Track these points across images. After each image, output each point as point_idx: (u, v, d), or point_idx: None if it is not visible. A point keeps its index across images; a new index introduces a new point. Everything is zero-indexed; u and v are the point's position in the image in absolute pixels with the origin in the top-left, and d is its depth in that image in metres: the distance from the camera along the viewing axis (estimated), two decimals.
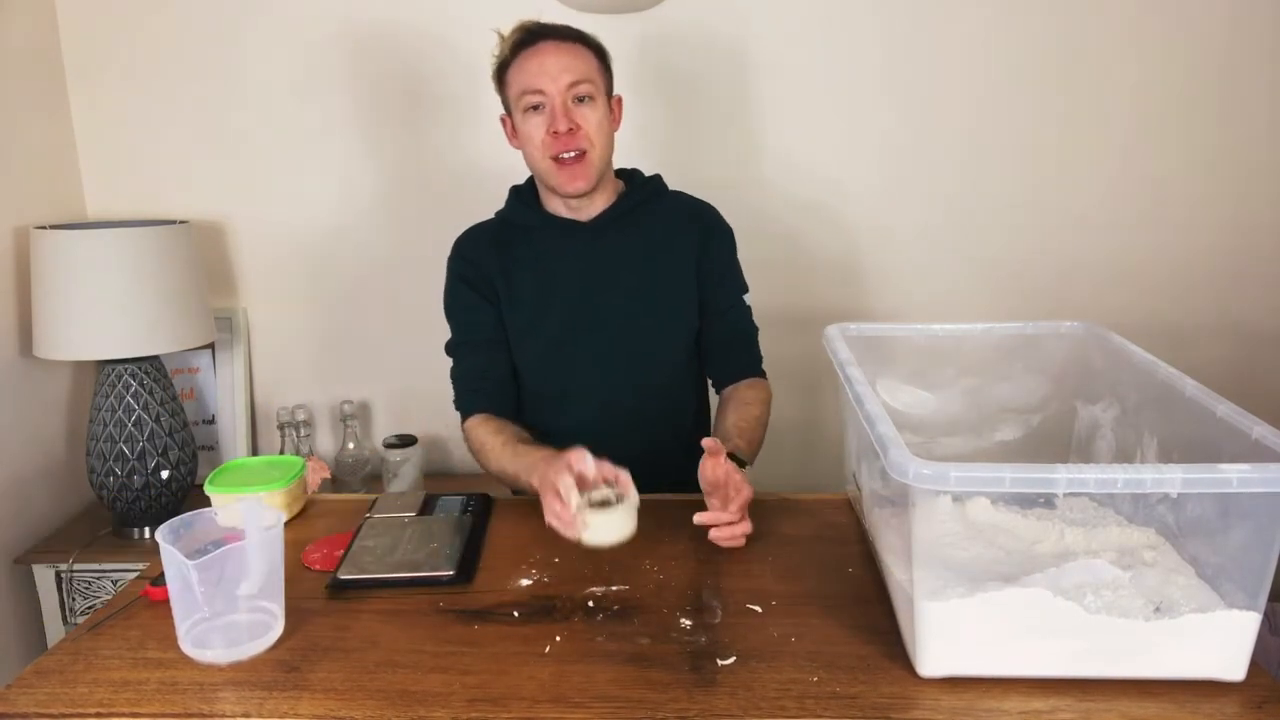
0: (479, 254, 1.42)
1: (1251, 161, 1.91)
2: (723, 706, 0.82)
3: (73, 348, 1.70)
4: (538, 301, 1.38)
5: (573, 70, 1.28)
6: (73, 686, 0.87)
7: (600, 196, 1.39)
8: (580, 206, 1.38)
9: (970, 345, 1.25)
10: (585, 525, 1.02)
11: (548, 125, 1.29)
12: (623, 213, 1.40)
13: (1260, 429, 0.84)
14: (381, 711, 0.82)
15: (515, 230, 1.42)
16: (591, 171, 1.32)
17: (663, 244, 1.40)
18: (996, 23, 1.86)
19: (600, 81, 1.33)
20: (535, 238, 1.40)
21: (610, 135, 1.35)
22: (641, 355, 1.39)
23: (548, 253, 1.39)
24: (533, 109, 1.30)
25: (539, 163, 1.33)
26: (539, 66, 1.28)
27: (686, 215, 1.44)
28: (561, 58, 1.29)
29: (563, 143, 1.29)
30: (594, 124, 1.30)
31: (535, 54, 1.29)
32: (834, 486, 1.32)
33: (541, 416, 1.42)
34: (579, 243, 1.38)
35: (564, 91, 1.28)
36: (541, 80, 1.28)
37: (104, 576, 1.78)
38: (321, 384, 2.09)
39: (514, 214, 1.44)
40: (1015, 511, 1.04)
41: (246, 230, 2.02)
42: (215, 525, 0.95)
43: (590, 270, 1.38)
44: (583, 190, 1.33)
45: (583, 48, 1.32)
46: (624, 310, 1.38)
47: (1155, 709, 0.81)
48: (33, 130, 1.86)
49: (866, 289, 2.00)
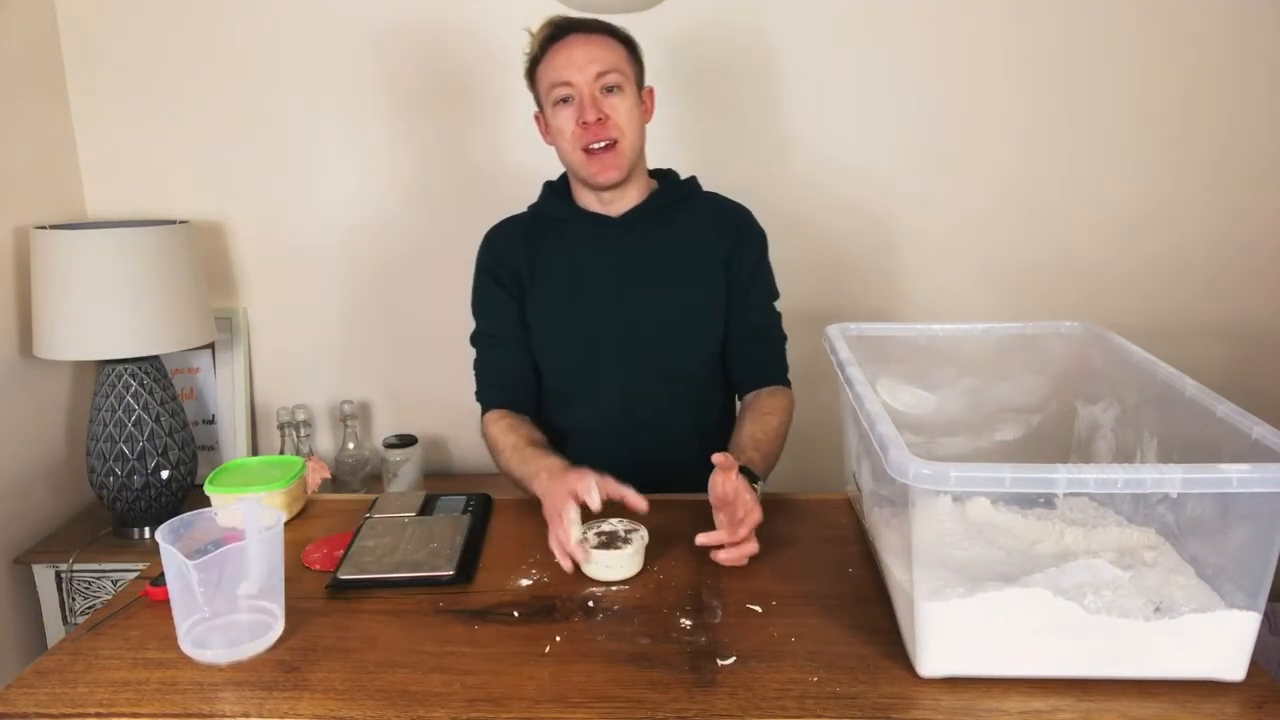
0: (508, 246, 1.41)
1: (1252, 161, 1.91)
2: (723, 706, 0.82)
3: (73, 348, 1.70)
4: (564, 296, 1.37)
5: (600, 60, 1.28)
6: (73, 686, 0.87)
7: (632, 191, 1.38)
8: (612, 200, 1.37)
9: (970, 345, 1.25)
10: (589, 560, 1.04)
11: (577, 116, 1.29)
12: (653, 209, 1.39)
13: (1260, 429, 0.84)
14: (381, 711, 0.82)
15: (547, 223, 1.42)
16: (623, 161, 1.31)
17: (693, 243, 1.39)
18: (995, 25, 1.86)
19: (629, 72, 1.33)
20: (566, 232, 1.39)
21: (641, 126, 1.34)
22: (666, 355, 1.38)
23: (577, 247, 1.38)
24: (562, 101, 1.30)
25: (570, 155, 1.33)
26: (566, 59, 1.29)
27: (718, 215, 1.43)
28: (589, 49, 1.29)
29: (592, 133, 1.28)
30: (623, 113, 1.30)
31: (563, 47, 1.30)
32: (834, 486, 1.32)
33: (562, 413, 1.42)
34: (608, 238, 1.38)
35: (591, 82, 1.28)
36: (569, 72, 1.28)
37: (104, 576, 1.78)
38: (321, 384, 2.09)
39: (546, 207, 1.44)
40: (1015, 511, 1.04)
41: (246, 230, 2.02)
42: (215, 525, 0.95)
43: (618, 266, 1.37)
44: (615, 180, 1.32)
45: (611, 39, 1.32)
46: (650, 308, 1.36)
47: (1155, 709, 0.81)
48: (33, 130, 1.86)
49: (866, 289, 2.00)
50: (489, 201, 1.97)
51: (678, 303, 1.37)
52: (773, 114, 1.93)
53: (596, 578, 1.04)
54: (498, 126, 1.95)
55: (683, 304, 1.37)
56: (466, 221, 1.99)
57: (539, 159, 1.98)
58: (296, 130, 1.96)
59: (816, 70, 1.90)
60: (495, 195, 1.96)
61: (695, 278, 1.38)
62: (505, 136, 1.95)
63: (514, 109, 1.95)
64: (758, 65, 1.91)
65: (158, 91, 1.95)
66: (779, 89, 1.92)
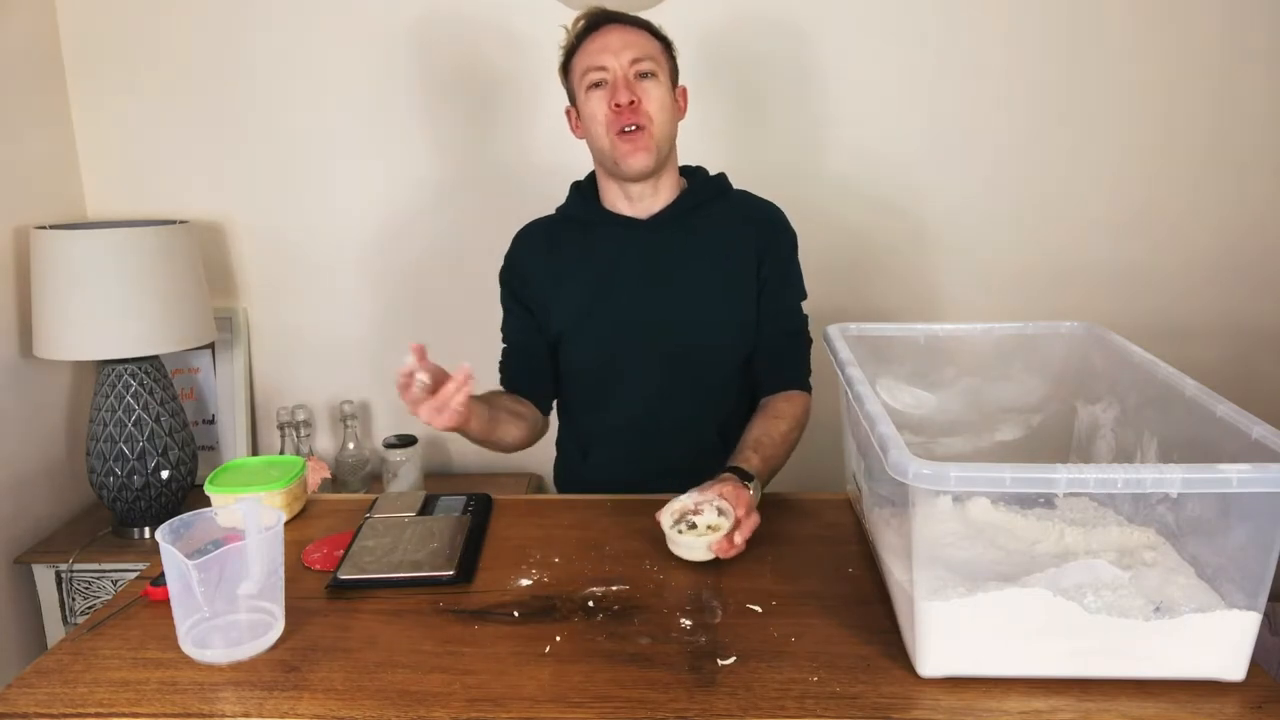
0: (529, 256, 1.41)
1: (1251, 161, 1.91)
2: (723, 706, 0.82)
3: (73, 348, 1.70)
4: (591, 299, 1.37)
5: (635, 47, 1.29)
6: (73, 686, 0.87)
7: (662, 192, 1.37)
8: (641, 198, 1.36)
9: (970, 345, 1.25)
10: (675, 544, 1.07)
11: (609, 99, 1.28)
12: (683, 212, 1.38)
13: (1260, 429, 0.84)
14: (381, 711, 0.82)
15: (573, 225, 1.41)
16: (653, 145, 1.30)
17: (723, 245, 1.37)
18: (994, 25, 1.87)
19: (664, 64, 1.33)
20: (592, 234, 1.39)
21: (673, 119, 1.34)
22: (694, 359, 1.37)
23: (604, 250, 1.37)
24: (595, 86, 1.30)
25: (601, 140, 1.31)
26: (602, 45, 1.30)
27: (749, 215, 1.41)
28: (625, 36, 1.30)
29: (625, 116, 1.28)
30: (656, 101, 1.30)
31: (599, 35, 1.31)
32: (834, 486, 1.32)
33: (587, 415, 1.43)
34: (636, 241, 1.37)
35: (626, 67, 1.29)
36: (604, 57, 1.29)
37: (104, 576, 1.78)
38: (321, 384, 2.09)
39: (573, 208, 1.43)
40: (1015, 511, 1.04)
41: (246, 230, 2.02)
42: (215, 525, 0.95)
43: (646, 270, 1.36)
44: (645, 165, 1.30)
45: (646, 32, 1.33)
46: (678, 312, 1.35)
47: (1155, 709, 0.81)
48: (33, 130, 1.87)
49: (866, 289, 2.00)
50: (490, 202, 1.98)
51: (707, 306, 1.36)
52: (782, 111, 1.93)
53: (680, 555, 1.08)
54: (498, 126, 1.95)
55: (712, 308, 1.36)
56: (467, 222, 2.00)
57: (541, 160, 2.00)
58: (296, 130, 1.96)
59: (829, 65, 1.90)
60: (497, 196, 1.97)
61: (725, 280, 1.37)
62: (506, 137, 1.95)
63: (515, 109, 1.96)
64: (757, 64, 1.91)
65: (158, 91, 1.95)
66: (781, 88, 1.92)
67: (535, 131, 1.94)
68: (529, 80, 1.91)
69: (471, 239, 1.99)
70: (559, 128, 1.42)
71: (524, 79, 1.91)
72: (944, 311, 2.00)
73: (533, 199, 1.49)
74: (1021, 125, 1.91)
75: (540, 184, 1.51)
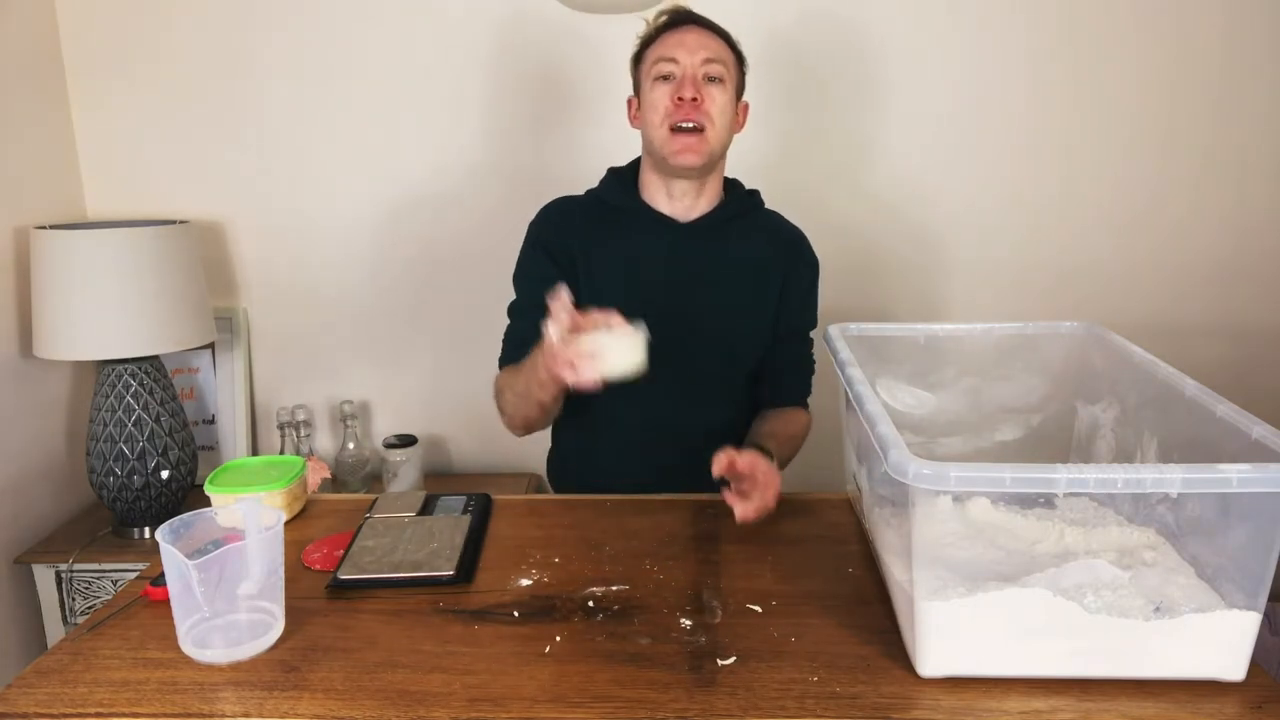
0: (567, 223, 1.40)
1: (1251, 162, 1.91)
2: (723, 706, 0.82)
3: (73, 348, 1.70)
4: (623, 294, 1.35)
5: (709, 49, 1.31)
6: (73, 686, 0.86)
7: (704, 197, 1.38)
8: (683, 196, 1.37)
9: (970, 345, 1.25)
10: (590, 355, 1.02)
11: (673, 93, 1.29)
12: (719, 222, 1.39)
13: (1260, 429, 0.84)
14: (381, 711, 0.82)
15: (607, 211, 1.40)
16: (705, 148, 1.30)
17: (752, 261, 1.39)
18: (992, 26, 1.87)
19: (733, 73, 1.34)
20: (626, 224, 1.38)
21: (730, 128, 1.35)
22: (711, 366, 1.38)
23: (638, 245, 1.37)
24: (663, 79, 1.31)
25: (656, 130, 1.32)
26: (679, 40, 1.31)
27: (780, 238, 1.44)
28: (702, 38, 1.31)
29: (685, 111, 1.29)
30: (718, 105, 1.30)
31: (678, 31, 1.32)
32: (834, 486, 1.32)
33: (599, 412, 1.41)
34: (671, 242, 1.37)
35: (697, 66, 1.30)
36: (679, 51, 1.30)
37: (104, 576, 1.78)
38: (321, 384, 2.09)
39: (609, 194, 1.42)
40: (1015, 511, 1.04)
41: (246, 230, 2.02)
42: (215, 525, 0.95)
43: (678, 272, 1.36)
44: (693, 165, 1.31)
45: (724, 40, 1.34)
46: (702, 319, 1.36)
47: (1155, 709, 0.81)
48: (33, 130, 1.87)
49: (870, 290, 2.00)
50: (491, 203, 1.98)
51: (730, 317, 1.38)
52: (795, 114, 1.93)
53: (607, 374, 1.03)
54: (499, 127, 1.95)
55: (735, 319, 1.38)
56: (468, 222, 2.00)
57: (544, 160, 2.00)
58: (296, 130, 1.96)
59: (834, 71, 1.91)
60: (499, 197, 1.97)
61: (750, 296, 1.39)
62: (507, 138, 1.95)
63: (518, 113, 1.95)
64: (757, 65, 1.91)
65: (158, 91, 1.95)
66: (783, 91, 1.92)
67: (538, 138, 1.94)
68: (535, 86, 1.91)
69: (472, 240, 1.99)
70: (564, 135, 1.42)
71: (530, 84, 1.92)
72: (946, 312, 2.00)
73: (534, 204, 1.49)
74: (1022, 127, 1.91)
75: (544, 191, 1.51)
